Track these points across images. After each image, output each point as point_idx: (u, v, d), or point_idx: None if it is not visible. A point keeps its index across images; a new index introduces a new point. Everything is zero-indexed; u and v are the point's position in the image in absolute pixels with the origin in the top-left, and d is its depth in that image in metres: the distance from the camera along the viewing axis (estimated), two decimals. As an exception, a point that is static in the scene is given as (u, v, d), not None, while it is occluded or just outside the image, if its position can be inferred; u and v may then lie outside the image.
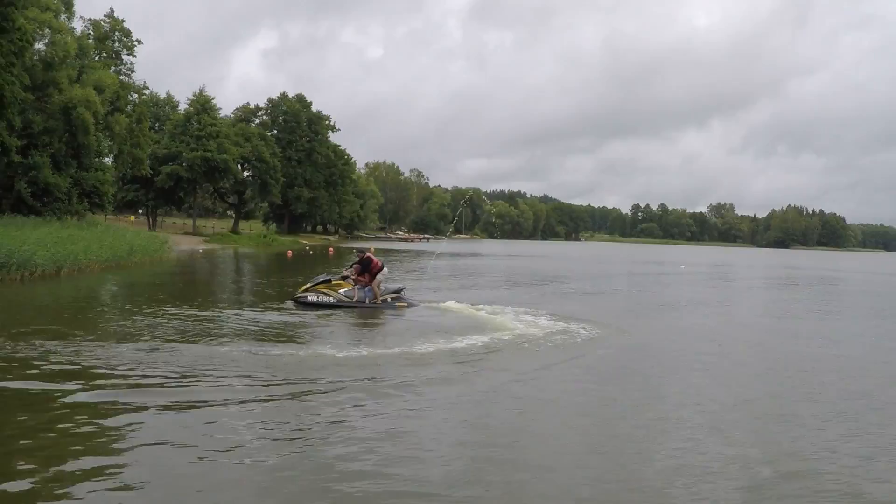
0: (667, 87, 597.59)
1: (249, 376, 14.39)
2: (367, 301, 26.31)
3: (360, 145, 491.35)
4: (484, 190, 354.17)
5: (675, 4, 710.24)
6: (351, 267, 27.55)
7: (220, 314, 23.82)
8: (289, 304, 26.35)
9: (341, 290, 26.27)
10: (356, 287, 26.45)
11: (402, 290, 28.53)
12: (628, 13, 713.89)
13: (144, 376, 13.96)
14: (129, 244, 48.98)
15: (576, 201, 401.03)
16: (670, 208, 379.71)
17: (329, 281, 26.68)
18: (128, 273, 41.29)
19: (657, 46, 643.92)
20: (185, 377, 14.03)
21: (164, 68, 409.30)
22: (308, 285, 26.76)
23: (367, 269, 26.86)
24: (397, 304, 26.99)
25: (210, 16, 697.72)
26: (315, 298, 25.90)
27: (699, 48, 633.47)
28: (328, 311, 25.70)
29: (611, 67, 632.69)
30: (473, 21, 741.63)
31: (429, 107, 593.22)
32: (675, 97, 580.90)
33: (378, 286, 26.82)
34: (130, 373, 14.18)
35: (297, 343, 18.92)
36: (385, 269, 27.59)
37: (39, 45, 57.43)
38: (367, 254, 27.64)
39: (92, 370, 14.24)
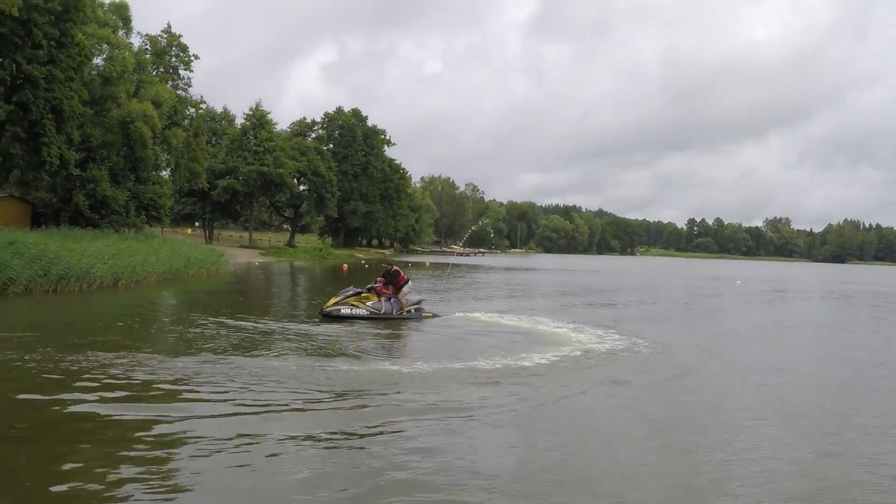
0: (724, 100, 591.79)
1: (310, 392, 14.13)
2: (393, 312, 26.54)
3: (416, 160, 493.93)
4: (539, 204, 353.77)
5: (734, 17, 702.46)
6: (377, 280, 27.68)
7: (276, 327, 23.78)
8: (322, 314, 26.21)
9: (369, 303, 26.43)
10: (382, 299, 26.68)
11: (421, 301, 28.82)
12: (686, 26, 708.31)
13: (201, 391, 13.76)
14: (186, 257, 49.28)
15: (631, 216, 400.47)
16: (726, 223, 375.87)
17: (359, 293, 26.80)
18: (184, 285, 41.54)
19: (715, 60, 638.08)
20: (243, 391, 13.85)
21: (224, 83, 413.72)
22: (338, 298, 26.63)
23: (393, 282, 27.25)
24: (423, 314, 27.54)
25: (271, 31, 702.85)
26: (349, 311, 25.94)
27: (757, 61, 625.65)
28: (372, 323, 25.70)
29: (668, 81, 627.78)
30: (532, 35, 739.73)
31: (486, 121, 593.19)
32: (732, 111, 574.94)
33: (403, 297, 27.16)
34: (186, 386, 14.05)
35: (355, 357, 18.66)
36: (410, 282, 28.02)
37: (98, 61, 58.23)
38: (395, 267, 28.08)
39: (151, 383, 14.20)
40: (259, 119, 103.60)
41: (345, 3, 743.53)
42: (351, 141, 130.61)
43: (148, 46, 74.28)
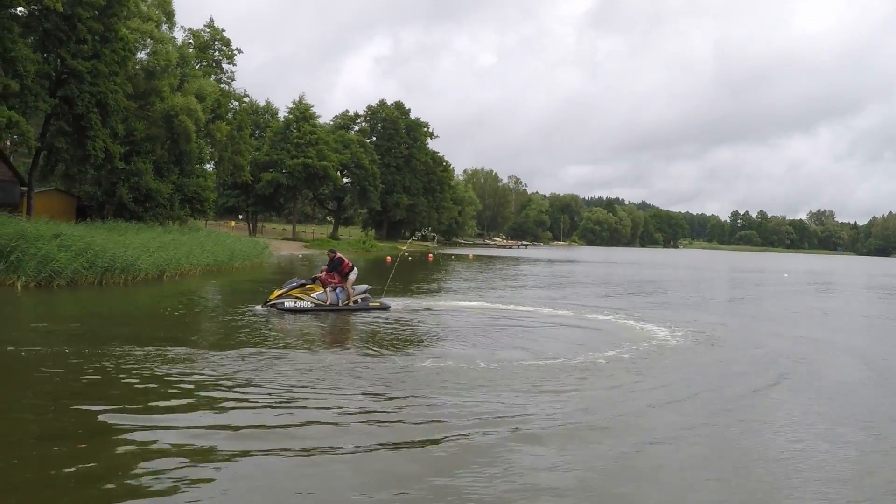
0: (775, 92, 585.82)
1: (363, 390, 13.58)
2: (339, 303, 25.69)
3: (465, 152, 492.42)
4: (582, 197, 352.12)
5: (787, 11, 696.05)
6: (321, 270, 26.78)
7: (324, 321, 23.74)
8: (258, 309, 25.16)
9: (314, 294, 25.55)
10: (327, 289, 25.75)
11: (367, 290, 27.25)
12: (739, 19, 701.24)
13: (251, 388, 13.34)
14: (230, 249, 49.54)
15: (675, 208, 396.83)
16: (770, 215, 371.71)
17: (303, 285, 25.90)
18: (229, 277, 41.71)
19: (767, 52, 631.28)
20: (295, 388, 13.45)
21: (278, 77, 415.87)
22: (282, 290, 25.76)
23: (337, 270, 26.03)
24: (370, 304, 26.46)
25: (325, 25, 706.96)
26: (292, 304, 25.08)
27: (809, 54, 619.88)
28: (424, 312, 25.72)
29: (720, 73, 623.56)
30: (586, 28, 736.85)
31: (536, 114, 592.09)
32: (783, 103, 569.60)
33: (351, 286, 26.15)
34: (236, 383, 13.74)
35: (417, 349, 18.55)
36: (355, 269, 26.54)
37: (142, 55, 58.66)
38: (338, 254, 26.80)
39: (199, 380, 13.92)
40: (302, 112, 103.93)
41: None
42: (394, 133, 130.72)
43: (191, 41, 74.68)
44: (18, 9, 42.64)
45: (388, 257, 77.68)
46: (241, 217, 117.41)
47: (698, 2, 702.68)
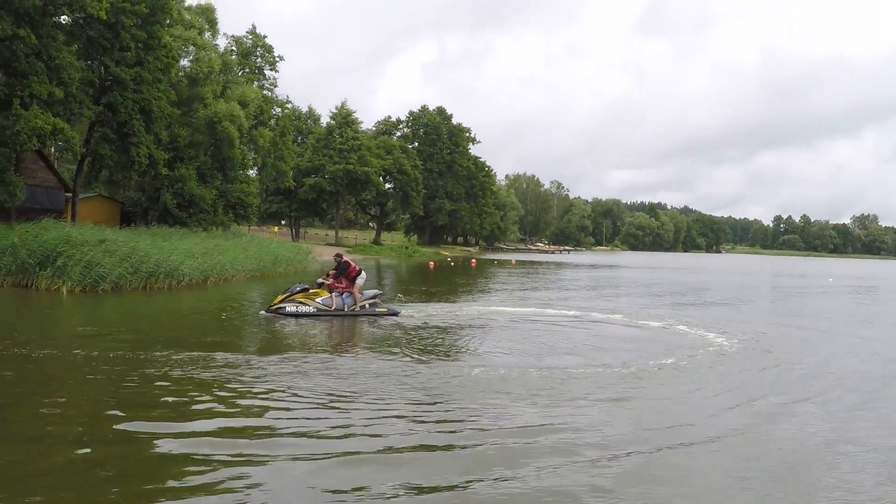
0: (821, 96, 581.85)
1: (418, 400, 13.10)
2: (345, 308, 25.17)
3: (508, 157, 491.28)
4: (625, 201, 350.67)
5: (833, 14, 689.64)
6: (328, 275, 26.31)
7: (371, 326, 23.49)
8: (263, 314, 24.95)
9: (318, 299, 25.08)
10: (333, 294, 25.28)
11: (377, 295, 26.72)
12: (785, 23, 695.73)
13: (293, 394, 13.13)
14: (274, 254, 49.69)
15: (718, 213, 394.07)
16: (813, 219, 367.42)
17: (306, 290, 25.42)
18: (272, 282, 41.70)
19: (813, 56, 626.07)
20: (339, 395, 13.23)
21: (323, 81, 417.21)
22: (284, 295, 25.41)
23: (344, 274, 25.57)
24: (377, 309, 25.71)
25: (369, 31, 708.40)
26: (293, 309, 24.66)
27: (855, 58, 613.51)
28: (484, 317, 25.57)
29: (765, 77, 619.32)
30: (632, 32, 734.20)
31: (580, 118, 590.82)
32: (829, 107, 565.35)
33: (359, 291, 25.67)
34: (280, 387, 13.58)
35: (465, 356, 18.27)
36: (363, 273, 26.08)
37: (185, 62, 59.12)
38: (345, 258, 26.31)
39: (240, 386, 13.75)
40: (345, 118, 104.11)
41: (445, 2, 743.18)
42: (436, 139, 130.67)
43: (234, 47, 75.14)
44: (62, 17, 43.01)
45: (431, 262, 77.83)
46: (283, 222, 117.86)
47: (744, 6, 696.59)
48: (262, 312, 25.09)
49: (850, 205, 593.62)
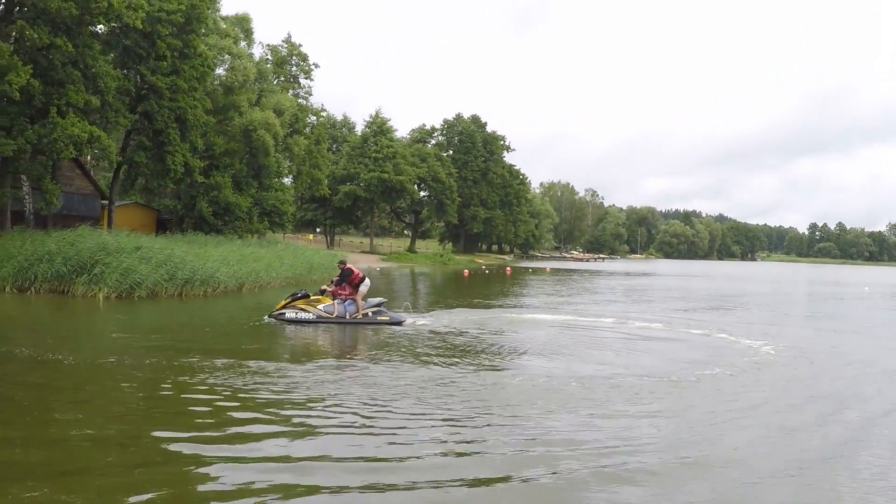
0: (860, 103, 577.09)
1: (458, 411, 12.64)
2: (347, 316, 24.66)
3: (544, 164, 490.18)
4: (659, 209, 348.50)
5: (872, 20, 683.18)
6: (331, 282, 25.82)
7: (406, 334, 23.12)
8: (266, 320, 24.76)
9: (320, 306, 24.73)
10: (336, 301, 24.87)
11: (382, 303, 25.92)
12: (824, 30, 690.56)
13: (333, 403, 12.82)
14: (308, 262, 49.71)
15: (753, 220, 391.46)
16: (848, 227, 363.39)
17: (307, 296, 25.17)
18: (307, 289, 41.68)
19: (852, 63, 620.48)
20: (377, 404, 12.91)
21: (358, 88, 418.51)
22: (285, 301, 25.25)
23: (347, 281, 25.04)
24: (379, 317, 25.01)
25: (404, 37, 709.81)
26: (293, 315, 24.47)
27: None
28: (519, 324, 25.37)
29: (806, 83, 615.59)
30: (669, 39, 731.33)
31: (617, 125, 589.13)
32: (867, 113, 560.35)
33: (362, 299, 25.06)
34: (317, 396, 13.33)
35: (505, 363, 18.01)
36: (367, 280, 25.41)
37: (220, 71, 59.47)
38: (348, 265, 25.82)
39: (274, 395, 13.46)
40: (379, 126, 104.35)
41: (481, 8, 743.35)
42: (470, 147, 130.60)
43: (269, 56, 75.52)
44: (99, 27, 43.34)
45: (466, 271, 77.73)
46: (318, 230, 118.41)
47: (782, 12, 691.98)
48: (266, 318, 24.97)
49: (887, 212, 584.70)
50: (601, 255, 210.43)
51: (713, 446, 11.20)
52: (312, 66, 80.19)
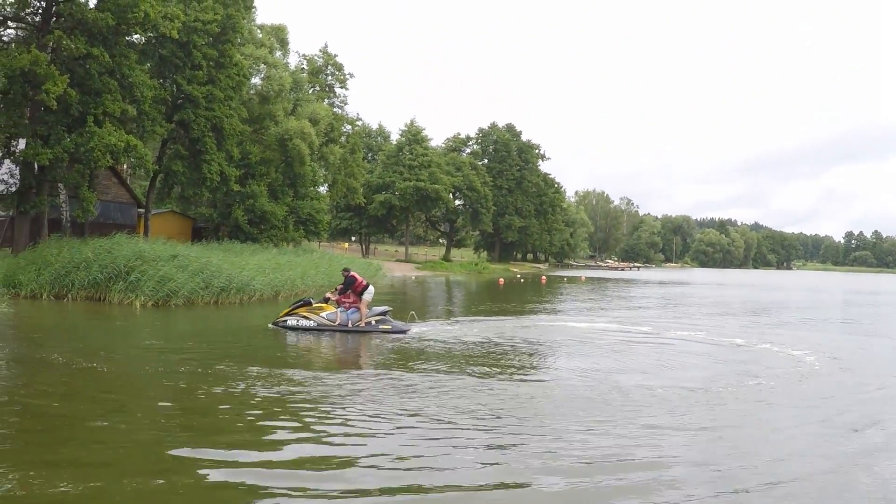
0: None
1: (493, 422, 12.30)
2: (349, 324, 24.41)
3: (579, 172, 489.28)
4: (694, 218, 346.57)
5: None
6: (335, 290, 25.58)
7: (440, 342, 22.86)
8: (271, 327, 24.66)
9: (323, 314, 24.48)
10: (339, 309, 24.61)
11: (388, 311, 25.56)
12: (863, 36, 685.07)
13: (368, 414, 12.51)
14: (344, 270, 49.70)
15: (789, 229, 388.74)
16: (884, 235, 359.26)
17: (309, 304, 24.94)
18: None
19: (891, 70, 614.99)
20: (411, 413, 12.67)
21: (393, 97, 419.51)
22: (289, 309, 25.13)
23: (351, 289, 24.73)
24: (381, 326, 24.70)
25: (440, 45, 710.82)
26: (294, 322, 24.38)
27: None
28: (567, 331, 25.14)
29: (842, 89, 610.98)
30: (706, 49, 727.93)
31: (653, 133, 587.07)
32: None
33: (366, 307, 24.75)
34: (352, 406, 13.08)
35: (544, 373, 17.88)
36: (371, 288, 25.04)
37: (256, 80, 59.79)
38: (352, 273, 25.32)
39: (308, 406, 13.16)
40: (414, 135, 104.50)
41: (514, 14, 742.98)
42: (505, 156, 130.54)
43: (304, 65, 75.85)
44: (135, 36, 43.63)
45: (501, 279, 77.55)
46: (353, 239, 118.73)
47: (819, 19, 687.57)
48: (270, 325, 24.90)
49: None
50: (636, 264, 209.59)
51: (762, 472, 10.61)
52: (348, 76, 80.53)
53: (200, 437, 11.13)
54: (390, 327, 24.70)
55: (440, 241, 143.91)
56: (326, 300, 25.17)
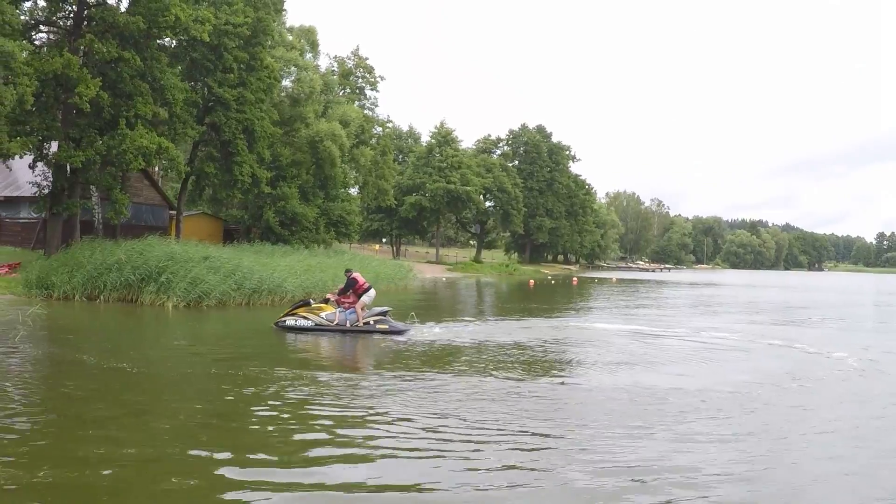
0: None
1: (534, 428, 12.34)
2: (348, 324, 24.49)
3: (608, 173, 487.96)
4: (725, 219, 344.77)
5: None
6: (337, 289, 26.02)
7: (473, 344, 22.76)
8: (273, 328, 24.79)
9: (322, 314, 24.62)
10: (338, 310, 24.72)
11: (387, 311, 25.44)
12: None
13: (400, 418, 12.28)
14: (375, 272, 49.54)
15: (820, 230, 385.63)
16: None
17: (308, 304, 25.24)
18: (375, 299, 41.52)
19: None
20: (446, 418, 12.43)
21: (424, 98, 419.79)
22: (289, 309, 25.49)
23: (352, 290, 24.86)
24: (378, 326, 24.59)
25: (469, 46, 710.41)
26: (293, 322, 24.55)
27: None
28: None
29: (875, 92, 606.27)
30: (738, 49, 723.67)
31: (685, 134, 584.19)
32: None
33: (362, 308, 24.75)
34: (382, 409, 12.87)
35: (583, 374, 17.73)
36: (372, 291, 25.23)
37: (286, 82, 59.97)
38: (353, 274, 25.43)
39: (337, 409, 12.98)
40: (444, 136, 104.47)
41: (545, 15, 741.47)
42: (536, 157, 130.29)
43: (335, 67, 76.03)
44: (166, 40, 43.84)
45: (532, 281, 77.42)
46: (384, 240, 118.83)
47: (853, 21, 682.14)
48: (273, 325, 25.05)
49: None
50: (667, 266, 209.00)
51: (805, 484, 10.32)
52: (378, 78, 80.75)
53: (224, 438, 11.11)
54: (387, 327, 24.61)
55: (471, 242, 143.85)
56: (326, 301, 25.33)
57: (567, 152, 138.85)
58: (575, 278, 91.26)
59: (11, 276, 35.88)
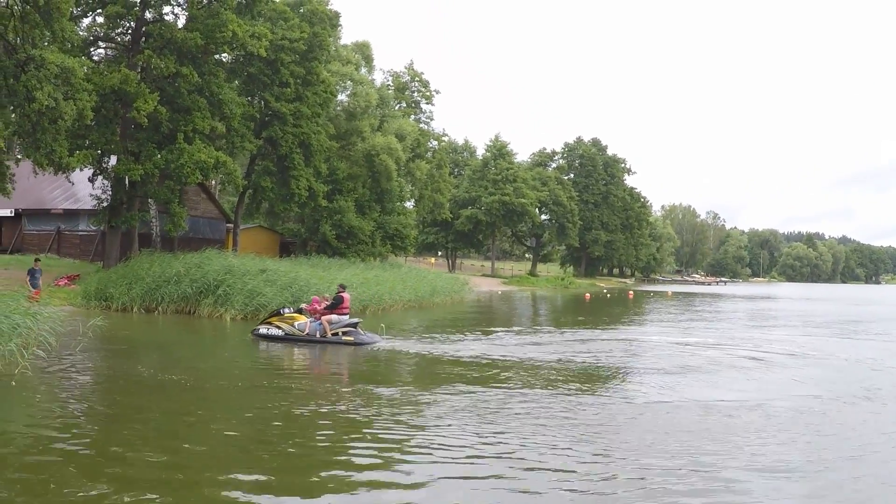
0: None
1: (582, 446, 12.07)
2: (317, 335, 24.66)
3: (664, 185, 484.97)
4: (782, 232, 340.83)
5: None
6: (323, 299, 26.15)
7: (533, 354, 22.74)
8: (249, 338, 25.12)
9: (295, 323, 24.91)
10: (309, 320, 24.98)
11: (356, 323, 25.27)
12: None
13: (455, 435, 11.94)
14: (431, 285, 49.59)
15: (878, 242, 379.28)
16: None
17: (280, 314, 25.43)
18: (430, 313, 41.43)
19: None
20: (492, 434, 12.09)
21: (479, 112, 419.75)
22: (265, 317, 25.94)
23: (337, 307, 25.11)
24: (345, 338, 24.44)
25: (525, 59, 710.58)
26: (265, 331, 24.93)
27: None
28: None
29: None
30: (796, 62, 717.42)
31: (740, 146, 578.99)
32: None
33: (328, 322, 24.74)
34: (433, 427, 12.55)
35: (638, 387, 17.45)
36: (347, 317, 25.22)
37: (342, 97, 60.29)
38: (344, 294, 25.64)
39: (393, 429, 12.70)
40: (499, 150, 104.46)
41: (599, 29, 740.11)
42: (591, 170, 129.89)
43: (390, 82, 76.35)
44: (223, 55, 44.26)
45: (587, 294, 77.03)
46: (440, 254, 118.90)
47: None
48: (250, 334, 25.40)
49: None
50: (723, 279, 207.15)
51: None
52: (433, 92, 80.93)
53: (270, 455, 10.86)
54: (353, 339, 24.50)
55: (526, 255, 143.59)
56: (301, 311, 25.61)
57: (622, 165, 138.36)
58: (630, 292, 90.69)
59: (71, 287, 36.35)
